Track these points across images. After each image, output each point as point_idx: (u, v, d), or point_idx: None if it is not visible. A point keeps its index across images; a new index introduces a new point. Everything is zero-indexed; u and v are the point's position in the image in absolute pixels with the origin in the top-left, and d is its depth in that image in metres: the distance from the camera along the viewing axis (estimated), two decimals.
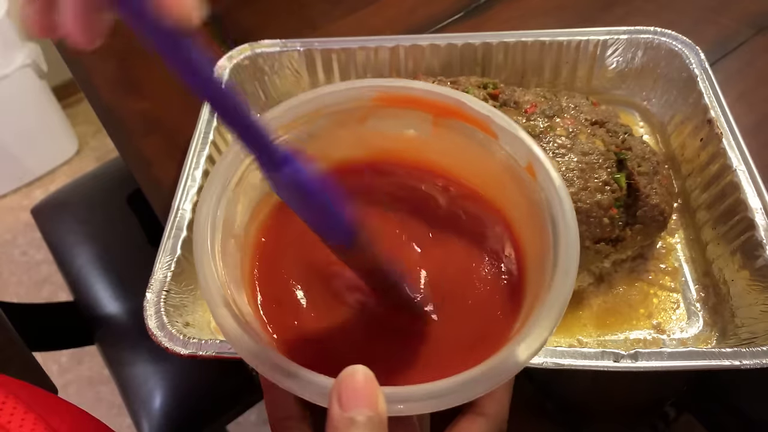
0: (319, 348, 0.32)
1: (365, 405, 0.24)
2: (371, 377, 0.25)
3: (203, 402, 0.78)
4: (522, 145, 0.33)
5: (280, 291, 0.34)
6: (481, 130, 0.34)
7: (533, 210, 0.32)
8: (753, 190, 0.49)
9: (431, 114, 0.35)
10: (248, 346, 0.27)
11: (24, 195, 1.71)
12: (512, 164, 0.33)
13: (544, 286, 0.29)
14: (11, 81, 1.48)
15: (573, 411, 0.47)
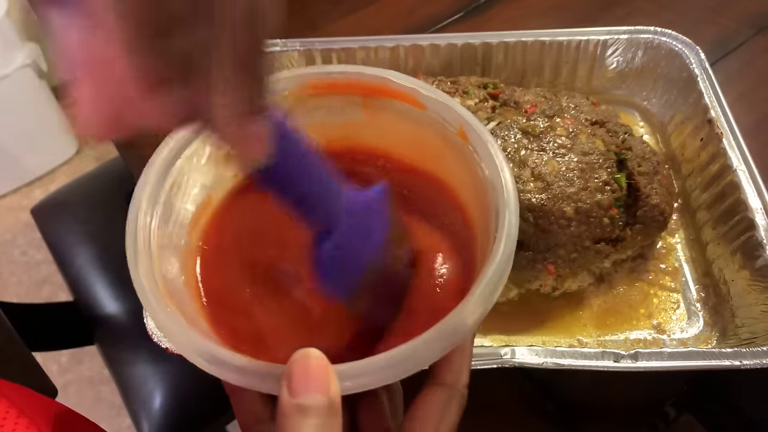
0: (270, 345, 0.31)
1: (316, 389, 0.23)
2: (323, 359, 0.24)
3: (203, 402, 0.78)
4: (450, 111, 0.33)
5: (225, 294, 0.33)
6: (410, 104, 0.34)
7: (471, 174, 0.32)
8: (753, 190, 0.49)
9: (359, 96, 0.35)
10: (190, 341, 0.27)
11: (24, 195, 1.71)
12: (445, 132, 0.33)
13: (489, 250, 0.29)
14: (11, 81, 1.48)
15: (573, 411, 0.47)
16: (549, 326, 0.49)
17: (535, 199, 0.46)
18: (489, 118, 0.51)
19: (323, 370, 0.23)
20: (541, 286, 0.49)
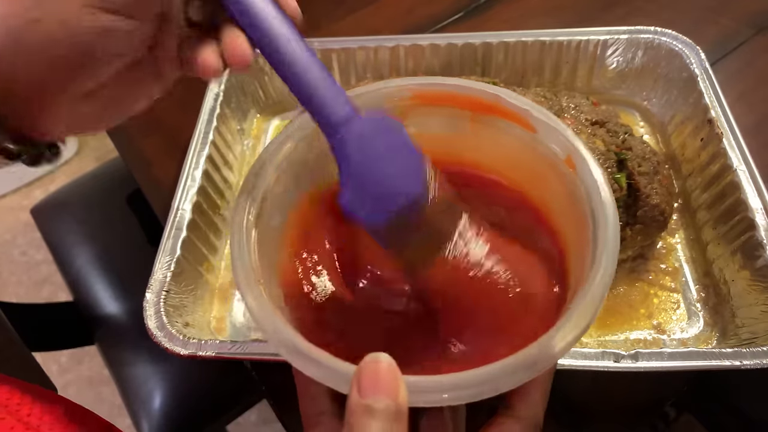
0: (347, 343, 0.32)
1: (384, 393, 0.23)
2: (393, 366, 0.24)
3: (203, 402, 0.78)
4: (561, 137, 0.32)
5: (311, 283, 0.34)
6: (520, 125, 0.34)
7: (573, 203, 0.32)
8: (753, 190, 0.49)
9: (469, 111, 0.35)
10: (276, 329, 0.27)
11: (24, 195, 1.71)
12: (551, 157, 0.33)
13: (582, 280, 0.28)
14: None
15: (573, 411, 0.47)
16: None
17: None
18: None
19: (392, 375, 0.24)
20: None
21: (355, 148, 0.30)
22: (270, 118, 0.69)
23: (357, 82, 0.67)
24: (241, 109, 0.66)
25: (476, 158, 0.37)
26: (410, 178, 0.31)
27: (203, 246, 0.53)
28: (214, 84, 0.62)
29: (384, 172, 0.31)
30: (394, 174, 0.31)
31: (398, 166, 0.31)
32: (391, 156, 0.31)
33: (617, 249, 0.28)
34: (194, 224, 0.52)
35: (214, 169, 0.58)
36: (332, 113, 0.30)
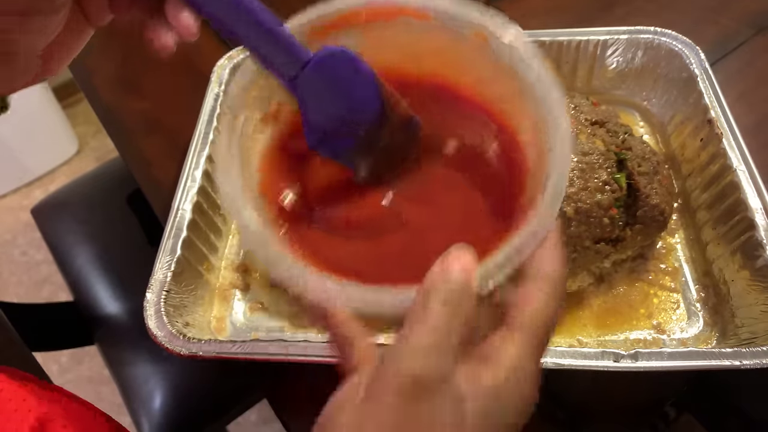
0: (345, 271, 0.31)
1: (461, 268, 0.26)
2: (473, 255, 0.26)
3: (203, 402, 0.78)
4: (464, 17, 0.33)
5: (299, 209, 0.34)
6: (416, 17, 0.34)
7: (503, 78, 0.33)
8: (753, 190, 0.49)
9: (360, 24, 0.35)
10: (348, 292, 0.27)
11: (24, 195, 1.71)
12: (461, 36, 0.33)
13: (544, 150, 0.29)
14: None
15: (573, 411, 0.47)
16: None
17: None
18: None
19: (472, 259, 0.26)
20: None
21: (309, 92, 0.32)
22: None
23: None
24: None
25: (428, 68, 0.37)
26: (365, 107, 0.33)
27: (203, 246, 0.54)
28: (215, 84, 0.62)
29: (339, 108, 0.33)
30: (348, 107, 0.33)
31: (352, 97, 0.33)
32: (345, 89, 0.33)
33: (562, 103, 0.30)
34: (194, 224, 0.52)
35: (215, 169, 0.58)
36: (283, 63, 0.31)
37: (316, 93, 0.32)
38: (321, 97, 0.32)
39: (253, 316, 0.53)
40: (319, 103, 0.33)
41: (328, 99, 0.33)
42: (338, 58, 0.32)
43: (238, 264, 0.57)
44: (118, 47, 0.81)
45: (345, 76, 0.32)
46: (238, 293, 0.55)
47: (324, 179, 0.36)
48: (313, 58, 0.32)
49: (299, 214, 0.34)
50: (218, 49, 0.76)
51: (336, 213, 0.35)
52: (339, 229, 0.34)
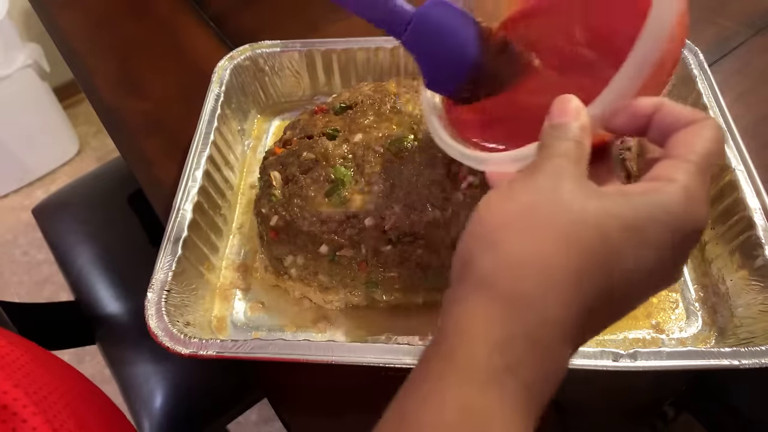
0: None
1: (569, 115, 0.29)
2: (574, 98, 0.30)
3: (204, 401, 0.79)
4: None
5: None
6: None
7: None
8: (751, 189, 0.49)
9: None
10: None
11: (25, 195, 1.71)
12: None
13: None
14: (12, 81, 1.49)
15: (572, 410, 0.47)
16: None
17: None
18: None
19: (573, 104, 0.29)
20: None
21: (416, 45, 0.40)
22: (271, 118, 0.69)
23: (357, 82, 0.67)
24: (242, 109, 0.66)
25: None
26: (466, 45, 0.40)
27: (204, 246, 0.54)
28: (215, 85, 0.63)
29: (443, 55, 0.40)
30: (452, 53, 0.40)
31: (455, 43, 0.40)
32: (447, 36, 0.40)
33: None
34: (195, 224, 0.52)
35: (215, 170, 0.58)
36: (391, 22, 0.40)
37: (423, 43, 0.40)
38: (428, 45, 0.40)
39: (254, 315, 0.53)
40: (428, 50, 0.40)
41: (435, 45, 0.40)
42: (435, 9, 0.39)
43: (238, 264, 0.57)
44: (119, 47, 0.81)
45: (444, 23, 0.39)
46: (238, 293, 0.55)
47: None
48: (414, 16, 0.39)
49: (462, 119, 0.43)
50: (219, 50, 0.76)
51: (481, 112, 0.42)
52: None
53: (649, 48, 0.29)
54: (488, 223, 0.26)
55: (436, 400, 0.24)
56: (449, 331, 0.25)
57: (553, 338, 0.24)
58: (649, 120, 0.29)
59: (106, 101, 0.74)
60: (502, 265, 0.25)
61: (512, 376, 0.24)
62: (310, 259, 0.50)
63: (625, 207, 0.25)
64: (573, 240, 0.25)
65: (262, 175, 0.55)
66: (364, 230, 0.48)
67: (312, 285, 0.52)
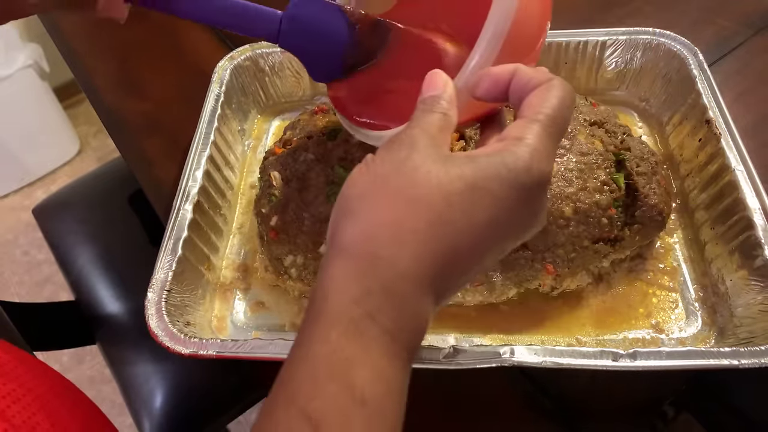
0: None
1: (434, 88, 0.32)
2: (439, 72, 0.33)
3: (204, 401, 0.79)
4: None
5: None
6: None
7: None
8: (751, 189, 0.49)
9: None
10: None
11: (25, 195, 1.71)
12: None
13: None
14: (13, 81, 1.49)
15: (572, 410, 0.47)
16: (548, 325, 0.50)
17: None
18: None
19: (438, 77, 0.33)
20: (540, 286, 0.50)
21: (292, 44, 0.43)
22: (271, 118, 0.70)
23: None
24: (242, 109, 0.67)
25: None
26: (339, 37, 0.43)
27: (204, 246, 0.54)
28: (215, 85, 0.63)
29: (319, 47, 0.43)
30: (327, 43, 0.43)
31: (326, 32, 0.42)
32: (317, 29, 0.42)
33: None
34: (195, 224, 0.53)
35: (215, 170, 0.58)
36: (262, 29, 0.42)
37: (297, 40, 0.42)
38: (303, 42, 0.43)
39: (254, 315, 0.54)
40: (304, 46, 0.43)
41: (308, 40, 0.42)
42: (301, 7, 0.42)
43: (238, 263, 0.57)
44: (119, 48, 0.81)
45: (312, 18, 0.42)
46: (238, 292, 0.55)
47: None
48: (282, 18, 0.41)
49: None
50: (219, 50, 0.76)
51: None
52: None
53: (499, 18, 0.32)
54: (349, 196, 0.29)
55: (306, 357, 0.26)
56: (317, 296, 0.28)
57: (409, 289, 0.27)
58: (508, 87, 0.31)
59: (106, 101, 0.74)
60: (358, 230, 0.28)
61: (373, 323, 0.26)
62: (310, 259, 0.50)
63: (468, 168, 0.28)
64: (419, 203, 0.27)
65: (262, 175, 0.55)
66: None
67: (312, 285, 0.52)
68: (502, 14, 0.32)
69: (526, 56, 0.35)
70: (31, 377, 0.35)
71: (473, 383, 0.47)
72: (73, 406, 0.37)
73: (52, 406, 0.34)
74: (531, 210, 0.30)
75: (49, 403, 0.34)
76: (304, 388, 0.26)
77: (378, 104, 0.44)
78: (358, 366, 0.25)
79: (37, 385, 0.35)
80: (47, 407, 0.33)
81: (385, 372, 0.26)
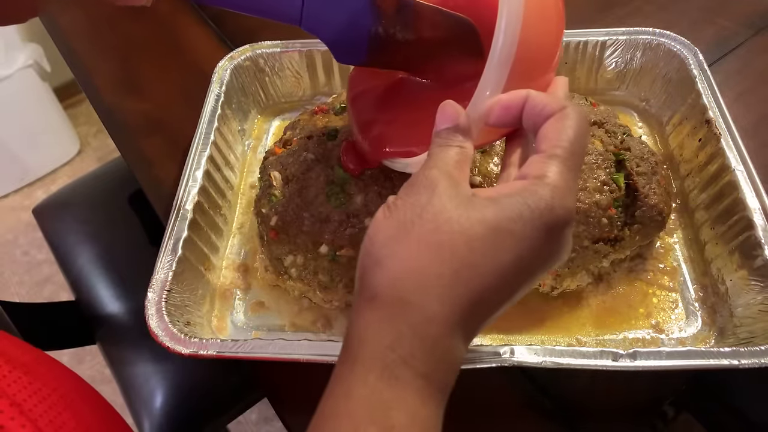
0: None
1: (449, 119, 0.33)
2: (452, 103, 0.33)
3: (204, 401, 0.79)
4: None
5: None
6: None
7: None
8: (751, 189, 0.49)
9: None
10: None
11: (26, 195, 1.71)
12: None
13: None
14: (13, 81, 1.49)
15: (572, 410, 0.47)
16: (548, 325, 0.50)
17: None
18: None
19: (452, 108, 0.33)
20: (540, 286, 0.50)
21: (315, 25, 0.40)
22: (271, 118, 0.70)
23: None
24: (242, 109, 0.67)
25: None
26: (362, 15, 0.41)
27: (204, 246, 0.54)
28: (216, 85, 0.63)
29: (342, 26, 0.41)
30: (349, 22, 0.41)
31: (349, 11, 0.40)
32: (340, 8, 0.40)
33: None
34: (195, 224, 0.53)
35: (216, 170, 0.58)
36: (284, 13, 0.40)
37: (320, 21, 0.40)
38: (326, 22, 0.41)
39: (254, 315, 0.54)
40: (327, 27, 0.41)
41: (331, 20, 0.41)
42: None
43: (239, 263, 0.57)
44: (119, 47, 0.81)
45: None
46: (238, 292, 0.55)
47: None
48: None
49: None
50: (219, 50, 0.76)
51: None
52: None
53: (505, 40, 0.31)
54: (375, 241, 0.30)
55: (345, 396, 0.28)
56: (353, 338, 0.29)
57: (439, 332, 0.28)
58: (521, 112, 0.32)
59: (106, 101, 0.74)
60: (386, 278, 0.29)
61: (407, 368, 0.27)
62: (310, 259, 0.50)
63: (490, 211, 0.28)
64: (442, 249, 0.28)
65: (262, 175, 0.55)
66: (364, 230, 0.48)
67: (312, 285, 0.52)
68: (506, 39, 0.31)
69: (540, 76, 0.34)
70: (53, 377, 0.35)
71: (473, 383, 0.47)
72: (95, 406, 0.37)
73: (76, 406, 0.34)
74: (557, 246, 0.30)
75: (73, 403, 0.34)
76: (345, 428, 0.27)
77: (401, 124, 0.43)
78: (395, 409, 0.27)
79: (61, 384, 0.35)
80: (72, 407, 0.34)
81: (420, 413, 0.27)
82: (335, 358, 0.41)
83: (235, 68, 0.65)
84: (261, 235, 0.54)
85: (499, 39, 0.31)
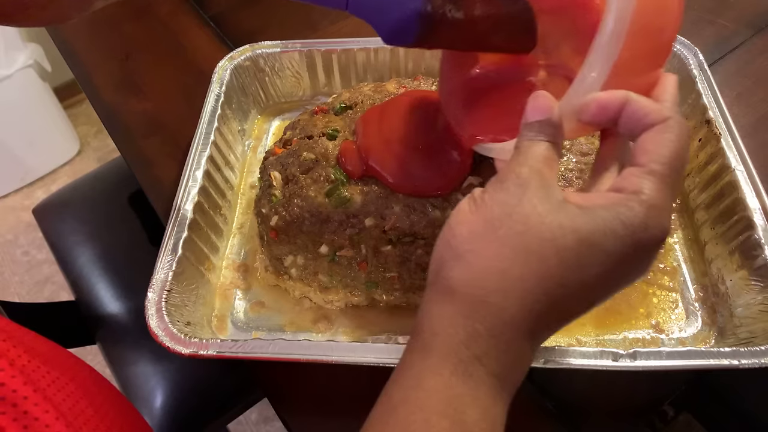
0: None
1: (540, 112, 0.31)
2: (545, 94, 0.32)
3: (204, 401, 0.79)
4: None
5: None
6: None
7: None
8: (751, 189, 0.49)
9: None
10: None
11: (26, 195, 1.71)
12: None
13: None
14: (13, 81, 1.49)
15: (572, 410, 0.47)
16: None
17: None
18: None
19: (545, 100, 0.31)
20: None
21: (361, 7, 0.37)
22: (271, 118, 0.70)
23: (357, 82, 0.67)
24: (242, 109, 0.67)
25: None
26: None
27: (204, 246, 0.54)
28: (216, 85, 0.63)
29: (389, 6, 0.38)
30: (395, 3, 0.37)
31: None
32: None
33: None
34: (195, 224, 0.53)
35: (216, 170, 0.58)
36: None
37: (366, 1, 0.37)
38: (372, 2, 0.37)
39: (254, 315, 0.54)
40: (373, 6, 0.38)
41: (374, 8, 0.37)
42: None
43: (239, 263, 0.57)
44: (119, 48, 0.81)
45: None
46: (239, 292, 0.55)
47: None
48: None
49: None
50: (219, 50, 0.76)
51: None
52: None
53: (610, 34, 0.28)
54: (457, 233, 0.30)
55: (417, 386, 0.28)
56: (425, 329, 0.29)
57: (513, 336, 0.28)
58: (619, 113, 0.30)
59: (107, 101, 0.74)
60: (466, 275, 0.29)
61: (480, 366, 0.28)
62: (310, 259, 0.50)
63: (582, 221, 0.27)
64: (530, 255, 0.28)
65: (262, 175, 0.55)
66: (364, 230, 0.48)
67: (312, 285, 0.52)
68: (614, 29, 0.28)
69: (651, 70, 0.31)
70: (69, 366, 0.36)
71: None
72: (110, 395, 0.38)
73: (92, 394, 0.35)
74: (644, 264, 0.29)
75: (89, 391, 0.35)
76: (417, 418, 0.27)
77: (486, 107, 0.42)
78: (468, 405, 0.27)
79: (77, 373, 0.35)
80: (88, 395, 0.34)
81: (491, 411, 0.28)
82: (335, 359, 0.41)
83: (235, 68, 0.65)
84: (261, 235, 0.54)
85: (606, 27, 0.28)
